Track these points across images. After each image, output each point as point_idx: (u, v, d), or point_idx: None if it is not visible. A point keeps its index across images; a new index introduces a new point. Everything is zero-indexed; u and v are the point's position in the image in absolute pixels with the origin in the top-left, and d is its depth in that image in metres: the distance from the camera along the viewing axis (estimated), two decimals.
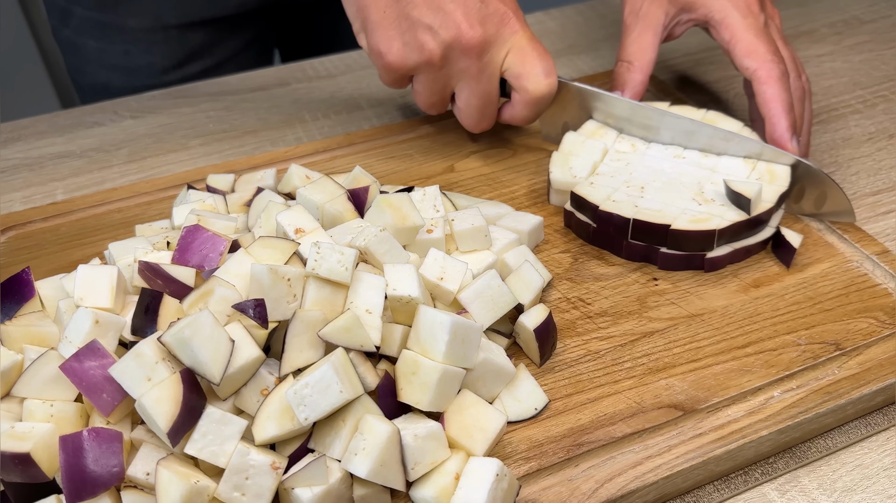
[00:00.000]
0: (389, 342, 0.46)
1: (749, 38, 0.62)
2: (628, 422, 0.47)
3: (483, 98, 0.63)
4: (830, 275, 0.57)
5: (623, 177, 0.61)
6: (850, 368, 0.50)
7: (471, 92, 0.62)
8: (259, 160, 0.70)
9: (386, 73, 0.62)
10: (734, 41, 0.63)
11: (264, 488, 0.41)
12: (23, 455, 0.40)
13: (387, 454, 0.41)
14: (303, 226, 0.50)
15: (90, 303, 0.46)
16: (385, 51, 0.60)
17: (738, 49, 0.63)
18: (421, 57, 0.59)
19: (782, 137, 0.60)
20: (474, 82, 0.61)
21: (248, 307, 0.43)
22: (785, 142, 0.60)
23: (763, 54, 0.61)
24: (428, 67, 0.60)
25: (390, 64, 0.60)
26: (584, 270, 0.58)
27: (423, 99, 0.64)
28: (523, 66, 0.61)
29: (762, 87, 0.61)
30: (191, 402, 0.41)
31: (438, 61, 0.60)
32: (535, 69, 0.61)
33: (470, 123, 0.65)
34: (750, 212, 0.57)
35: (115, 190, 0.68)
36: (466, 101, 0.63)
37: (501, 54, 0.61)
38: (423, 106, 0.65)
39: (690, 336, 0.53)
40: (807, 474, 0.47)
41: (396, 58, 0.60)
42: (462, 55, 0.59)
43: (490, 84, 0.62)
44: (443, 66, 0.60)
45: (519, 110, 0.64)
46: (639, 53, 0.66)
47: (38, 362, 0.44)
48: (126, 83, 0.90)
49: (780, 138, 0.60)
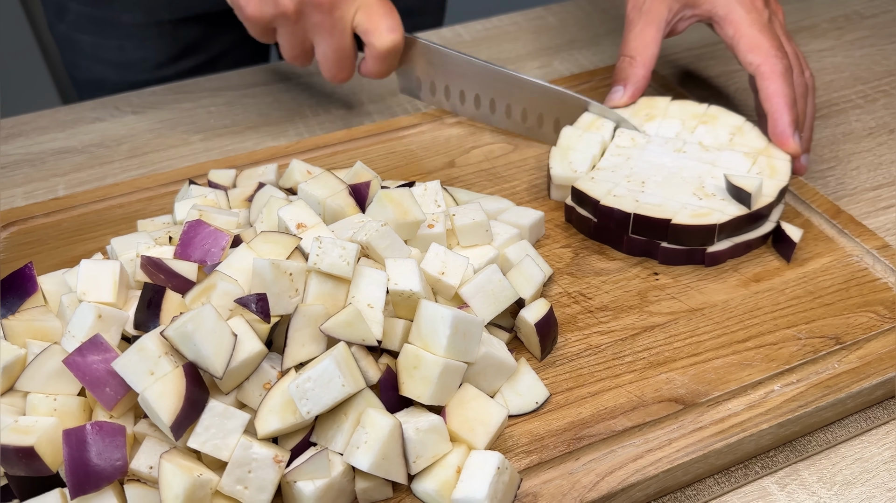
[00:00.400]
0: (391, 336, 0.47)
1: (753, 34, 0.62)
2: (629, 415, 0.48)
3: (337, 52, 0.66)
4: (831, 269, 0.57)
5: (624, 171, 0.61)
6: (850, 362, 0.50)
7: (326, 45, 0.66)
8: (260, 155, 0.70)
9: (248, 25, 0.66)
10: (738, 36, 0.63)
11: (267, 481, 0.41)
12: (27, 449, 0.40)
13: (388, 447, 0.42)
14: (304, 221, 0.51)
15: (93, 298, 0.46)
16: (244, 4, 0.64)
17: (742, 44, 0.63)
18: (276, 10, 0.63)
19: (784, 133, 0.60)
20: (328, 36, 0.65)
21: (250, 301, 0.44)
22: (787, 138, 0.60)
23: (767, 50, 0.61)
24: (284, 20, 0.64)
25: (249, 16, 0.64)
26: (585, 265, 0.58)
27: (286, 52, 0.68)
28: (371, 22, 0.65)
29: (765, 82, 0.61)
30: (193, 396, 0.41)
31: (293, 15, 0.63)
32: (380, 25, 0.65)
33: (328, 75, 0.69)
34: (750, 206, 0.57)
35: (116, 185, 0.68)
36: (323, 53, 0.67)
37: (351, 11, 0.65)
38: (288, 58, 0.69)
39: (691, 330, 0.53)
40: (807, 467, 0.47)
41: (254, 11, 0.64)
42: (315, 10, 0.63)
43: (343, 38, 0.66)
44: (297, 20, 0.64)
45: (371, 64, 0.68)
46: (641, 48, 0.66)
47: (41, 356, 0.44)
48: (121, 78, 0.90)
49: (782, 134, 0.60)
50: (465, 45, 0.88)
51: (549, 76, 0.83)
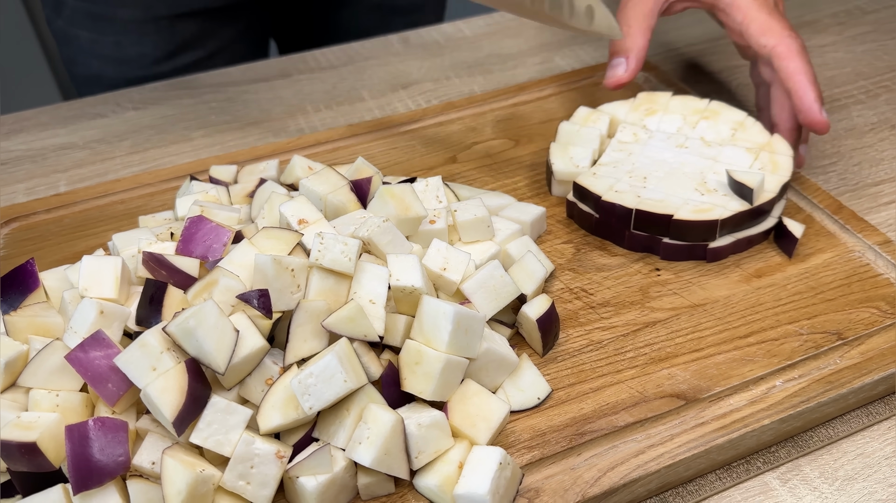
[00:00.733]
0: (393, 332, 0.47)
1: (762, 17, 0.62)
2: (631, 411, 0.48)
3: None
4: (832, 265, 0.57)
5: (626, 167, 0.61)
6: (852, 358, 0.50)
7: None
8: (261, 151, 0.70)
9: None
10: (747, 21, 0.62)
11: (269, 477, 0.41)
12: (29, 444, 0.40)
13: (391, 443, 0.42)
14: (306, 216, 0.51)
15: (95, 294, 0.46)
16: None
17: (753, 28, 0.62)
18: None
19: (811, 108, 0.59)
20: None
21: (252, 297, 0.44)
22: (815, 113, 0.59)
23: (780, 31, 0.61)
24: None
25: None
26: (587, 261, 0.58)
27: None
28: None
29: (783, 62, 0.60)
30: (196, 392, 0.41)
31: None
32: None
33: None
34: (752, 202, 0.57)
35: (118, 181, 0.68)
36: None
37: None
38: None
39: (693, 326, 0.53)
40: (808, 463, 0.47)
41: None
42: None
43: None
44: None
45: None
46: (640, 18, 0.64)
47: (43, 352, 0.44)
48: (119, 74, 0.90)
49: (809, 110, 0.59)
50: (466, 41, 0.88)
51: (551, 72, 0.83)
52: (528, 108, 0.74)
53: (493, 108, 0.75)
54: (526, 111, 0.74)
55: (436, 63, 0.85)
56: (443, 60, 0.85)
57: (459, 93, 0.80)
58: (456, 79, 0.82)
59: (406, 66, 0.85)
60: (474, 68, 0.84)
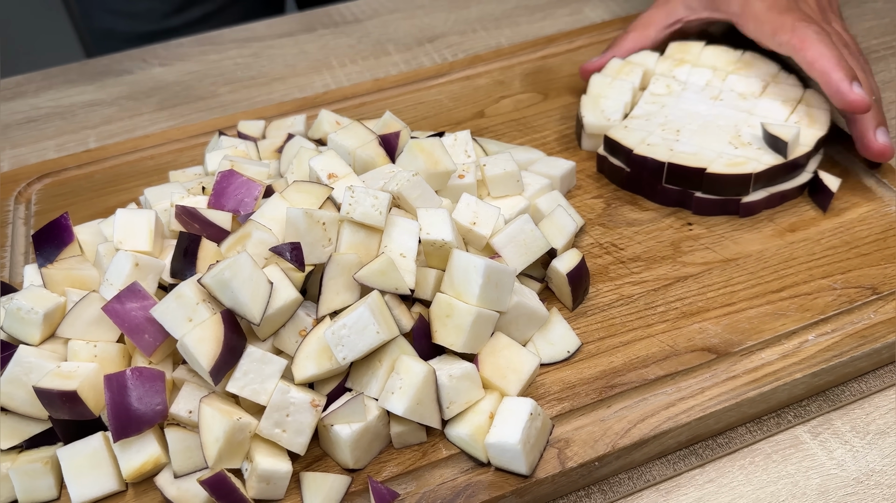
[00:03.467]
0: (423, 285, 0.47)
1: (772, 17, 0.59)
2: (661, 364, 0.48)
3: None
4: (868, 219, 0.56)
5: (658, 120, 0.60)
6: (887, 313, 0.49)
7: None
8: (288, 107, 0.70)
9: None
10: (758, 25, 0.60)
11: (304, 425, 0.42)
12: (70, 393, 0.41)
13: (423, 393, 0.42)
14: (335, 171, 0.50)
15: (129, 247, 0.47)
16: None
17: (766, 31, 0.60)
18: None
19: (838, 91, 0.55)
20: None
21: (284, 250, 0.44)
22: (844, 92, 0.55)
23: (791, 24, 0.58)
24: None
25: None
26: (617, 215, 0.58)
27: None
28: None
29: (800, 54, 0.57)
30: (232, 342, 0.42)
31: None
32: None
33: None
34: (787, 155, 0.56)
35: (146, 137, 0.68)
36: None
37: None
38: None
39: (725, 280, 0.52)
40: (840, 417, 0.47)
41: None
42: None
43: None
44: None
45: None
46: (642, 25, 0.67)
47: (80, 304, 0.45)
48: (129, 28, 0.91)
49: (837, 92, 0.55)
50: None
51: (580, 23, 0.81)
52: (557, 61, 0.73)
53: (521, 60, 0.74)
54: (555, 64, 0.73)
55: (462, 15, 0.84)
56: (469, 13, 0.84)
57: (486, 45, 0.79)
58: (483, 31, 0.81)
59: (432, 20, 0.83)
60: (501, 20, 0.83)
